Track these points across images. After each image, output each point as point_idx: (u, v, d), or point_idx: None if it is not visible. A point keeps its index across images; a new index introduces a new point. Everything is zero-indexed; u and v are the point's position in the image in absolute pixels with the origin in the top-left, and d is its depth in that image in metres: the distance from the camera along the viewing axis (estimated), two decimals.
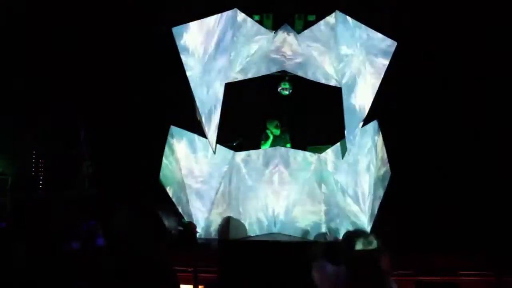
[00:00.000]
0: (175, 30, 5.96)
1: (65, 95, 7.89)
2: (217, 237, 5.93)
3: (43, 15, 7.72)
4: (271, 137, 7.13)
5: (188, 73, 5.97)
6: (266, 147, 7.07)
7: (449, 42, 7.67)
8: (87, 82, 7.89)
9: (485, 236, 5.94)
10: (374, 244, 2.88)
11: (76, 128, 7.89)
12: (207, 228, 6.10)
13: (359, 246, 2.85)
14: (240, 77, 6.15)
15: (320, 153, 6.25)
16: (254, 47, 6.34)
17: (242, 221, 6.01)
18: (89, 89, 7.91)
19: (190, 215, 6.10)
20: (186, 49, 5.97)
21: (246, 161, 6.22)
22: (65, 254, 4.37)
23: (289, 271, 4.65)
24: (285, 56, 6.10)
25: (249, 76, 6.16)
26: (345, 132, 5.96)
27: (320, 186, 6.03)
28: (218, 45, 6.05)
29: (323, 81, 6.12)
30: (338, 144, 6.21)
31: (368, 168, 6.24)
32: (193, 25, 6.02)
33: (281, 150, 6.35)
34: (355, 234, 2.92)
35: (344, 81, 6.01)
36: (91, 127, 7.88)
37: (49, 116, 7.92)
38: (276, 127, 6.96)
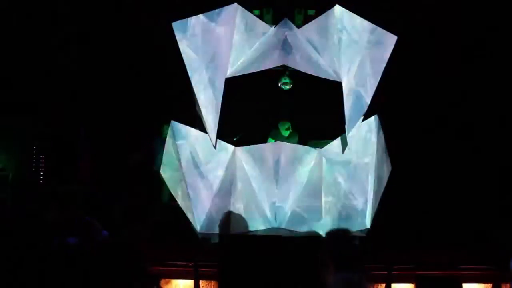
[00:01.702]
0: (175, 25, 5.95)
1: (65, 92, 7.89)
2: (218, 231, 5.95)
3: (44, 14, 7.71)
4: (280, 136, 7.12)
5: (188, 68, 5.97)
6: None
7: (450, 36, 7.66)
8: (87, 79, 7.89)
9: (485, 230, 5.96)
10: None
11: (76, 125, 7.89)
12: (207, 222, 6.12)
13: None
14: (240, 72, 6.15)
15: (321, 147, 6.25)
16: (254, 42, 6.33)
17: (243, 216, 6.02)
18: (89, 86, 7.91)
19: (190, 210, 6.11)
20: (186, 44, 5.97)
21: (246, 156, 6.22)
22: (62, 250, 4.39)
23: (289, 266, 4.66)
24: (285, 51, 6.09)
25: (250, 71, 6.15)
26: (346, 126, 5.97)
27: (320, 181, 6.04)
28: (218, 39, 6.04)
29: (323, 75, 6.12)
30: (339, 138, 6.21)
31: (368, 163, 6.25)
32: (193, 20, 6.02)
33: (281, 145, 6.35)
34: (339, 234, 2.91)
35: (344, 75, 6.01)
36: (91, 123, 7.88)
37: (49, 113, 7.92)
38: (287, 129, 6.97)
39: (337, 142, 6.22)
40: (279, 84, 7.32)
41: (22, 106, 7.80)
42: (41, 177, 8.17)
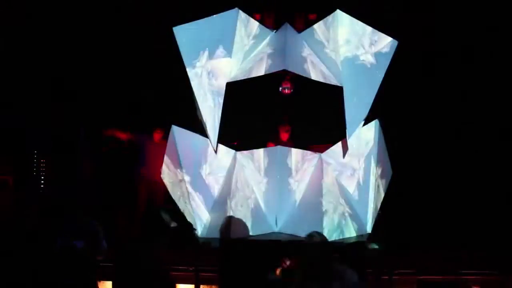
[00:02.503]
0: (176, 29, 5.97)
1: (65, 94, 7.89)
2: (218, 236, 5.94)
3: (43, 14, 7.72)
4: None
5: (189, 73, 5.98)
6: None
7: (450, 40, 7.67)
8: (88, 81, 7.89)
9: (487, 234, 5.94)
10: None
11: (76, 127, 7.89)
12: (208, 227, 6.11)
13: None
14: (241, 76, 6.16)
15: (321, 152, 6.25)
16: (255, 47, 6.35)
17: (244, 220, 6.01)
18: (90, 88, 7.91)
19: (191, 214, 6.10)
20: (187, 49, 5.99)
21: (247, 160, 6.22)
22: (67, 252, 4.37)
23: (290, 270, 4.64)
24: (286, 56, 6.10)
25: (250, 75, 6.16)
26: (346, 131, 5.96)
27: (321, 186, 6.03)
28: (219, 44, 6.06)
29: (324, 80, 6.13)
30: (339, 143, 6.21)
31: (369, 167, 6.25)
32: (194, 25, 6.03)
33: (282, 149, 6.35)
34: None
35: (345, 80, 6.01)
36: (91, 126, 7.88)
37: (50, 115, 7.92)
38: (287, 132, 6.97)
39: (338, 147, 6.22)
40: (280, 89, 7.32)
41: (23, 107, 7.80)
42: (42, 181, 8.16)
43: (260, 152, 6.26)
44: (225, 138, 6.24)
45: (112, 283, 3.62)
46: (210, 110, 6.02)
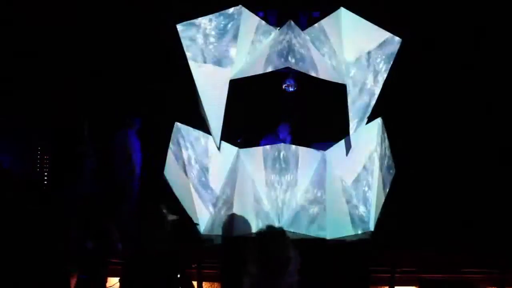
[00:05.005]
0: (180, 26, 5.97)
1: (68, 91, 7.91)
2: (221, 233, 5.95)
3: (42, 13, 7.74)
4: None
5: (192, 70, 5.99)
6: None
7: (454, 39, 7.65)
8: (90, 78, 7.91)
9: (489, 233, 5.94)
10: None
11: (80, 124, 7.91)
12: (211, 224, 6.12)
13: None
14: (244, 74, 6.15)
15: (324, 150, 6.25)
16: (258, 44, 6.34)
17: (246, 218, 6.02)
18: (92, 86, 7.93)
19: (194, 212, 6.11)
20: (191, 46, 5.99)
21: (250, 158, 6.22)
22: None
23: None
24: (289, 53, 6.09)
25: (254, 73, 6.16)
26: (349, 129, 5.96)
27: (324, 184, 6.03)
28: (222, 41, 6.05)
29: (327, 78, 6.12)
30: (342, 141, 6.21)
31: (372, 166, 6.24)
32: (198, 22, 6.03)
33: (285, 146, 6.35)
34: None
35: (348, 78, 6.00)
36: (94, 124, 7.90)
37: (53, 112, 7.94)
38: (288, 133, 6.99)
39: (341, 145, 6.22)
40: (283, 86, 7.32)
41: (26, 105, 7.83)
42: (46, 177, 8.19)
43: (263, 150, 6.26)
44: (228, 135, 6.25)
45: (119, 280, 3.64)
46: (213, 107, 6.01)
